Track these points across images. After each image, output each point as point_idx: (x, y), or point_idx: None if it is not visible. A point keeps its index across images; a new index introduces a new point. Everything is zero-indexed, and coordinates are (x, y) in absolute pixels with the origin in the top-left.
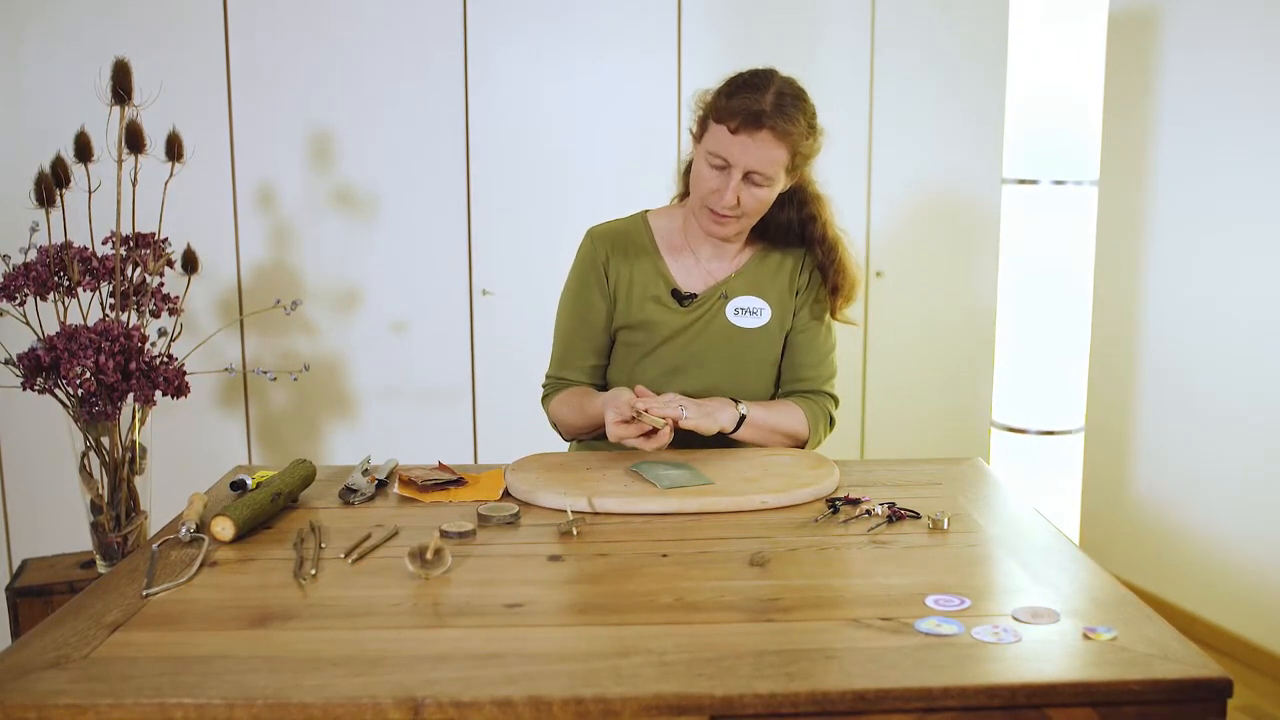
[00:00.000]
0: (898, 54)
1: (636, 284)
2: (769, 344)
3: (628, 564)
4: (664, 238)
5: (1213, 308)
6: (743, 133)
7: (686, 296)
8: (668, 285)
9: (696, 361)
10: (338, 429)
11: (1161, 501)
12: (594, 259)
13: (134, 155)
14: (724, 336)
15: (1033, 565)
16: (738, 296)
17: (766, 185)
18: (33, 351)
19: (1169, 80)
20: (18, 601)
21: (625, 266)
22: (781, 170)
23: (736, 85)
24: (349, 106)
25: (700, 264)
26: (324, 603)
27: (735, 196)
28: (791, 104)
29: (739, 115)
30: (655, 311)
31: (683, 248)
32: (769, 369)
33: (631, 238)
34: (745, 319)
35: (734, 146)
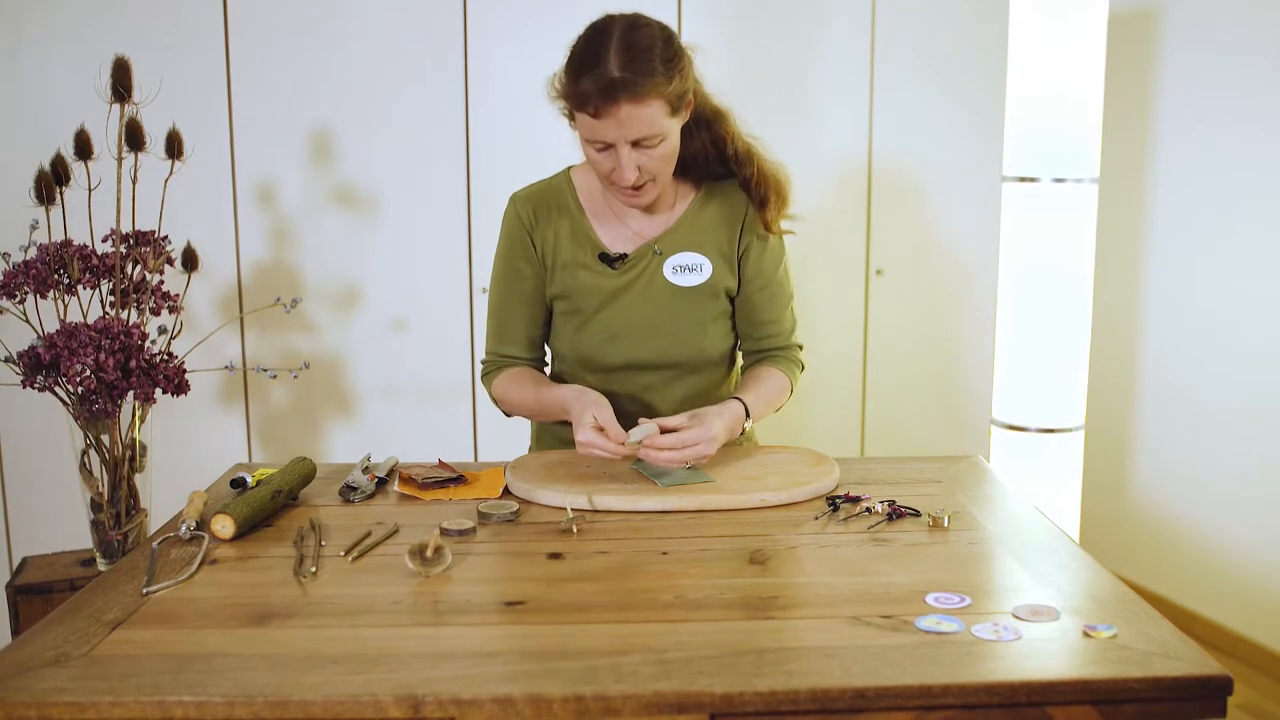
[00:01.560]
0: (897, 51)
1: (563, 249)
2: (714, 300)
3: (628, 562)
4: (588, 197)
5: (1213, 305)
6: (604, 114)
7: (616, 258)
8: (594, 249)
9: (639, 326)
10: (338, 427)
11: (1161, 499)
12: (518, 226)
13: (134, 153)
14: (665, 297)
15: (1033, 563)
16: (675, 253)
17: (660, 142)
18: (33, 349)
19: (1169, 78)
20: (18, 599)
21: (550, 230)
22: (666, 120)
23: (577, 65)
24: (349, 104)
25: (628, 225)
26: (324, 600)
27: (635, 168)
28: (638, 57)
29: (591, 98)
30: (585, 278)
31: (609, 207)
32: (717, 326)
33: (554, 199)
34: (685, 276)
35: (604, 128)
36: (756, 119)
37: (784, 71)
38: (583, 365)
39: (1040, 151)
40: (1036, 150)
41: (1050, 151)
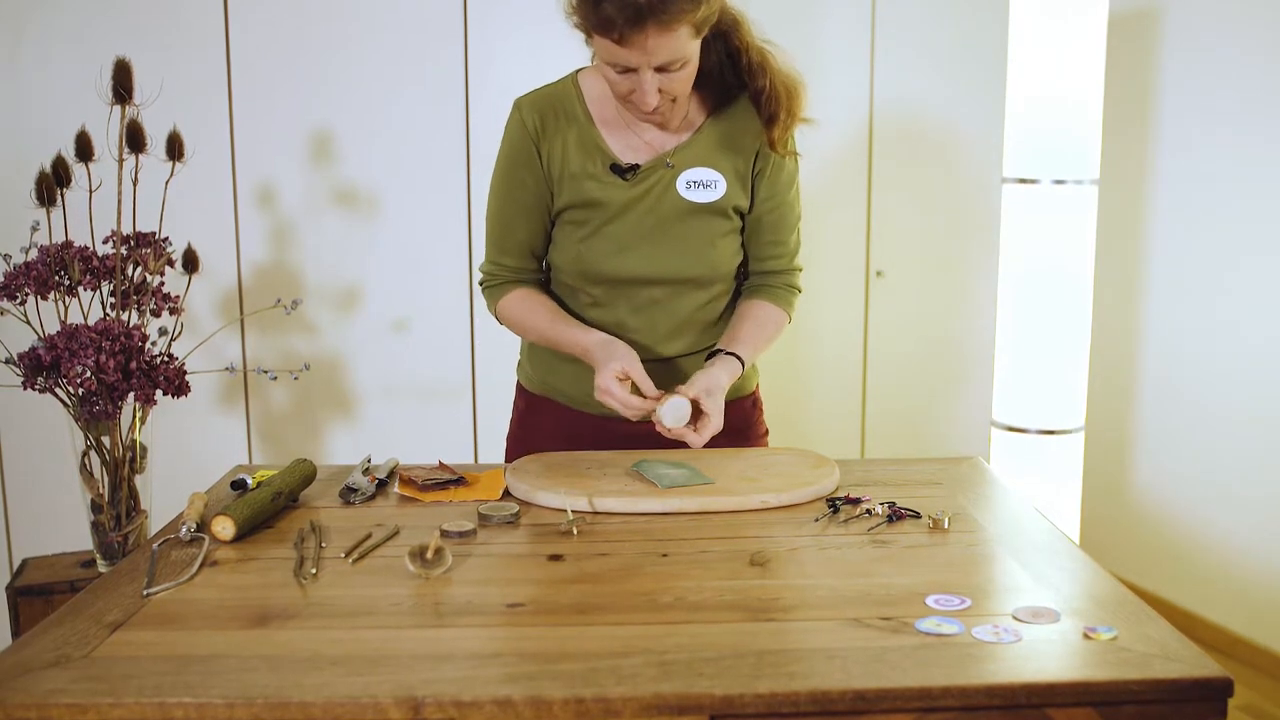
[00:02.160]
0: (898, 52)
1: (571, 160)
2: (725, 218)
3: (628, 563)
4: (598, 105)
5: (1213, 307)
6: (627, 41)
7: (628, 169)
8: (605, 160)
9: (648, 239)
10: (338, 428)
11: (1162, 500)
12: (522, 133)
13: (135, 154)
14: (676, 212)
15: (1033, 565)
16: (689, 168)
17: (684, 65)
18: (33, 351)
19: (1169, 79)
20: (18, 600)
21: (558, 139)
22: (691, 44)
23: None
24: (349, 105)
25: (640, 135)
26: (324, 602)
27: (655, 92)
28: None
29: (614, 23)
30: (595, 189)
31: (620, 116)
32: (727, 242)
33: (562, 105)
34: (698, 192)
35: (629, 55)
36: None
37: None
38: (585, 277)
39: (1040, 153)
40: (1036, 152)
41: (1050, 153)
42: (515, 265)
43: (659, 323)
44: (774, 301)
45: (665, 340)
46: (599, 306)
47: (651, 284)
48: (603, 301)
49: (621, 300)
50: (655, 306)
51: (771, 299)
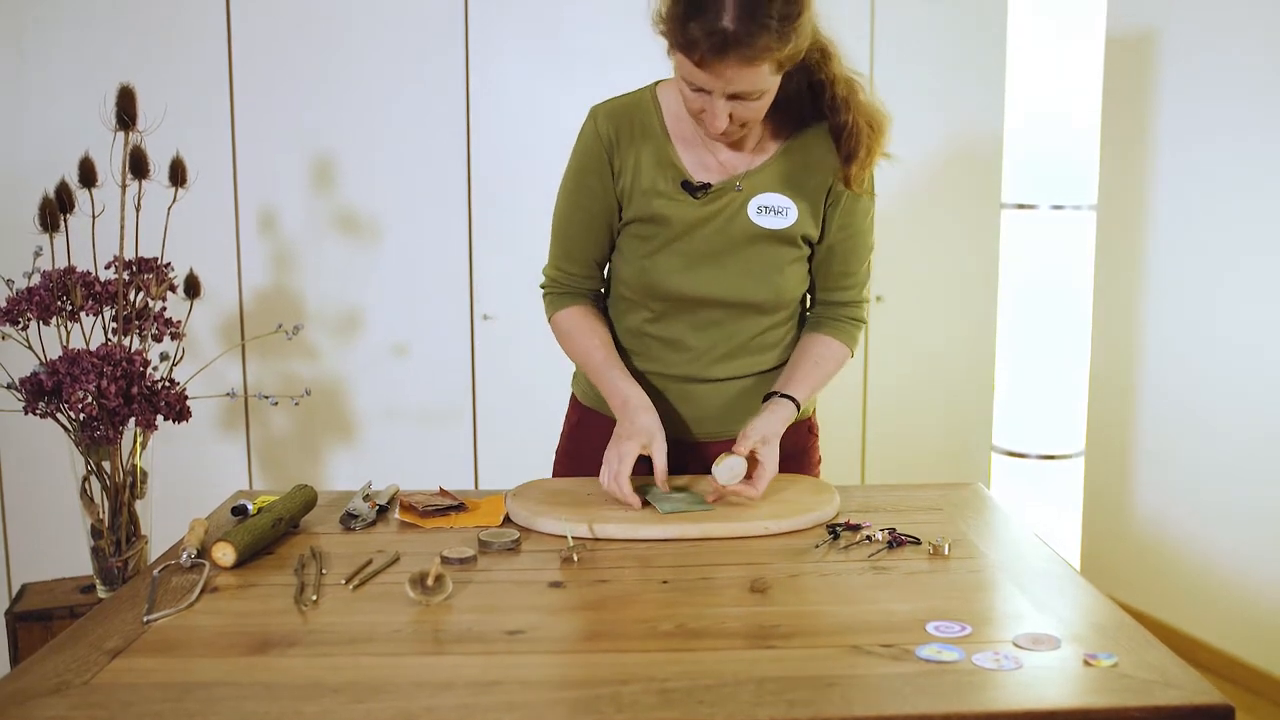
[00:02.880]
0: (895, 79)
1: (644, 174)
2: (794, 246)
3: (628, 590)
4: (674, 120)
5: (1212, 330)
6: (707, 66)
7: (699, 187)
8: (678, 175)
9: (714, 260)
10: (339, 452)
11: (1163, 525)
12: (596, 142)
13: (138, 180)
14: (745, 236)
15: (1033, 591)
16: (761, 193)
17: (760, 97)
18: (35, 376)
19: (1167, 104)
20: (17, 626)
21: (631, 151)
22: (769, 78)
23: (690, 3)
24: (351, 131)
25: (715, 155)
26: (325, 629)
27: (727, 118)
28: (757, 11)
29: (698, 46)
30: (665, 205)
31: (696, 132)
32: (795, 269)
33: (639, 117)
34: (769, 218)
35: (704, 77)
36: None
37: None
38: (648, 292)
39: (1038, 179)
40: (1035, 177)
41: (1048, 179)
42: (579, 273)
43: (717, 344)
44: (836, 335)
45: (720, 362)
46: (659, 321)
47: (714, 305)
48: (663, 317)
49: (682, 318)
50: (715, 327)
51: (834, 333)
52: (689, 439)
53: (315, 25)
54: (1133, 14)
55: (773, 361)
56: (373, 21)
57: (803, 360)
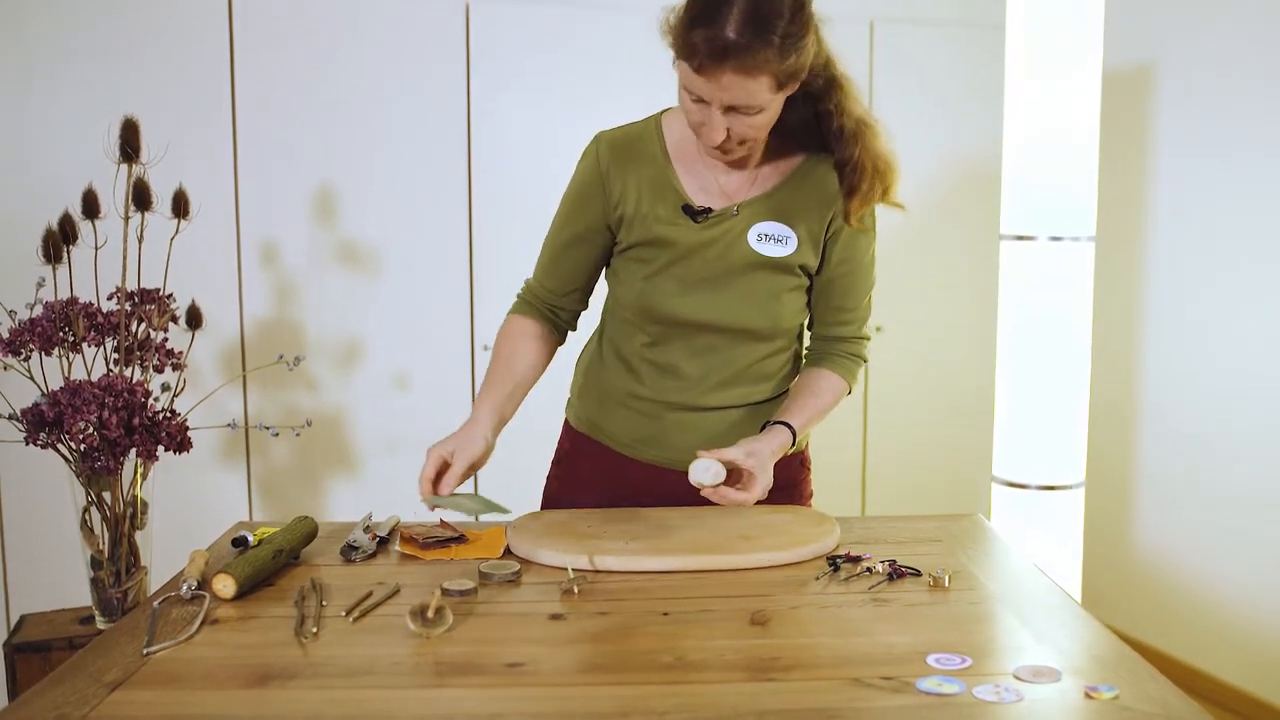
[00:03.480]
0: (894, 111)
1: (645, 197)
2: (792, 275)
3: (628, 623)
4: (677, 145)
5: (1211, 361)
6: (705, 73)
7: (700, 211)
8: (678, 200)
9: (713, 285)
10: (339, 484)
11: (1164, 555)
12: (593, 169)
13: (141, 212)
14: (744, 262)
15: (1034, 623)
16: (762, 221)
17: (758, 113)
18: (36, 407)
19: (1164, 136)
20: (16, 657)
21: (632, 178)
22: (768, 94)
23: (698, 10)
24: (352, 163)
25: (716, 180)
26: (325, 661)
27: (724, 130)
28: (760, 24)
29: (698, 52)
30: (665, 228)
31: (696, 157)
32: (793, 298)
33: (640, 145)
34: (768, 245)
35: (703, 85)
36: None
37: None
38: (645, 315)
39: (1037, 210)
40: (1033, 209)
41: (1047, 210)
42: (553, 289)
43: (713, 370)
44: (835, 370)
45: (716, 389)
46: (656, 346)
47: (710, 330)
48: (660, 341)
49: (679, 342)
50: (711, 354)
51: (833, 367)
52: (683, 467)
53: (318, 60)
54: (1129, 47)
55: (768, 392)
56: (374, 56)
57: (801, 392)
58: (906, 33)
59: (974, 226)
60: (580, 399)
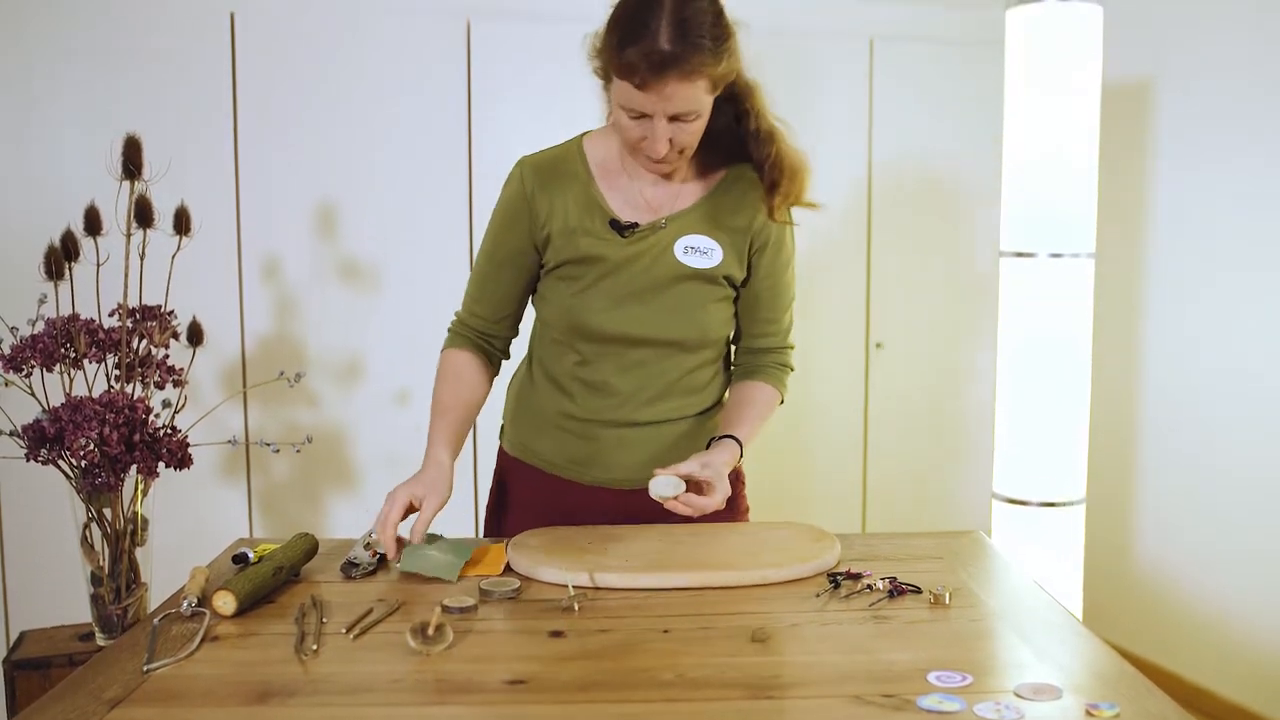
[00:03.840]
0: (895, 126)
1: (571, 215)
2: (718, 285)
3: (629, 640)
4: (600, 165)
5: (1212, 377)
6: (648, 86)
7: (627, 226)
8: (605, 215)
9: (640, 299)
10: (340, 500)
11: (1165, 572)
12: (519, 192)
13: (143, 229)
14: (670, 275)
15: (1035, 640)
16: (688, 234)
17: (696, 118)
18: (37, 423)
19: (1163, 151)
20: (15, 674)
21: (558, 197)
22: (706, 97)
23: (624, 32)
24: (354, 180)
25: (641, 194)
26: (325, 678)
27: (667, 141)
28: (690, 32)
29: (639, 69)
30: (593, 244)
31: (620, 174)
32: (721, 309)
33: (564, 166)
34: (695, 258)
35: (646, 99)
36: None
37: None
38: (575, 333)
39: (1037, 227)
40: (1033, 226)
41: (1047, 227)
42: (485, 316)
43: (644, 385)
44: (769, 382)
45: (648, 403)
46: (586, 364)
47: (640, 344)
48: (590, 359)
49: (609, 359)
50: (642, 368)
51: (766, 379)
52: (626, 485)
53: (320, 76)
54: (1128, 63)
55: (700, 405)
56: (376, 73)
57: (740, 405)
58: (906, 49)
59: (974, 243)
60: (513, 425)
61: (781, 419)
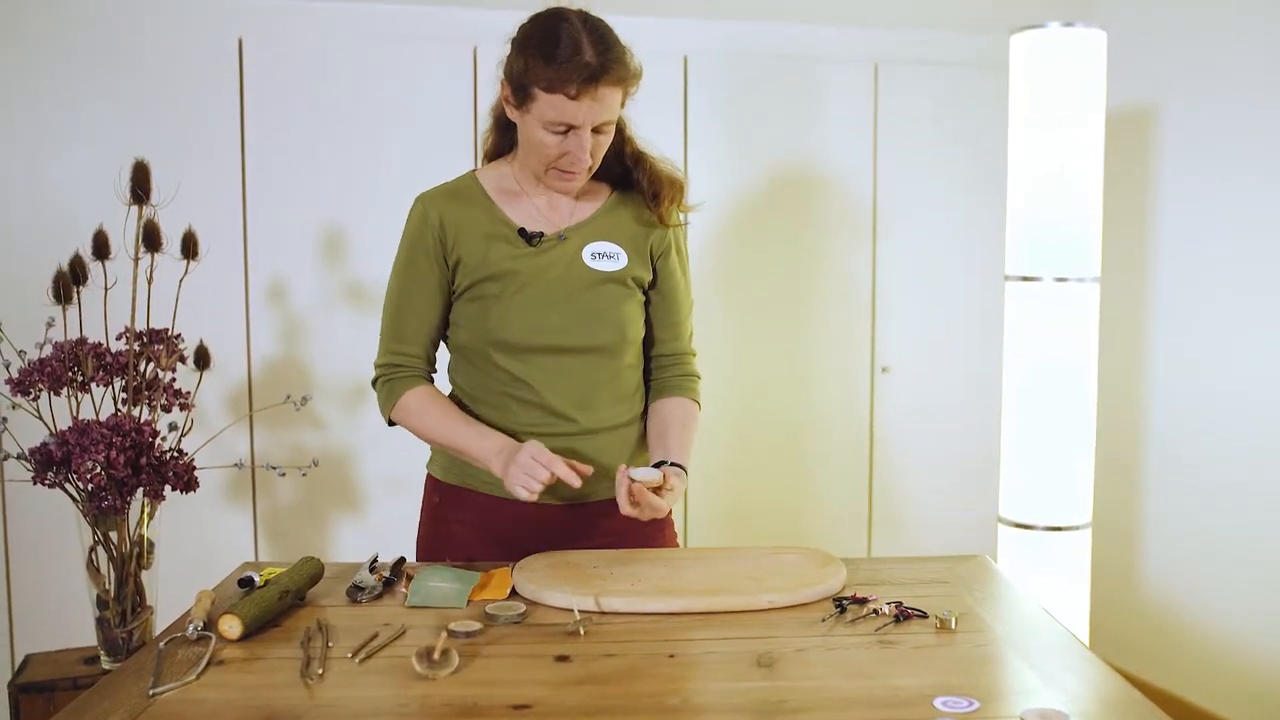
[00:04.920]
0: (899, 151)
1: (478, 236)
2: (629, 288)
3: (635, 664)
4: (496, 191)
5: (1217, 400)
6: (583, 96)
7: (534, 235)
8: (511, 229)
9: (557, 307)
10: (346, 524)
11: (1171, 595)
12: (424, 223)
13: (150, 253)
14: (583, 281)
15: (1041, 665)
16: (592, 242)
17: (611, 129)
18: (44, 446)
19: (1168, 175)
20: (20, 698)
21: (465, 222)
22: (620, 108)
23: (549, 49)
24: (360, 203)
25: (538, 209)
26: (331, 703)
27: (588, 152)
28: (610, 46)
29: (573, 80)
30: (504, 259)
31: (519, 194)
32: (634, 310)
33: (464, 194)
34: (603, 262)
35: (578, 111)
36: (762, 217)
37: (787, 175)
38: (497, 347)
39: (1042, 251)
40: (1038, 250)
41: (1052, 251)
42: (414, 353)
43: (571, 393)
44: (686, 395)
45: (578, 413)
46: (514, 380)
47: (563, 352)
48: (516, 374)
49: (534, 371)
50: (566, 376)
51: (683, 393)
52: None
53: (327, 101)
54: (1133, 88)
55: (628, 413)
56: (383, 97)
57: (671, 426)
58: (911, 74)
59: (979, 267)
60: (444, 452)
61: (787, 442)
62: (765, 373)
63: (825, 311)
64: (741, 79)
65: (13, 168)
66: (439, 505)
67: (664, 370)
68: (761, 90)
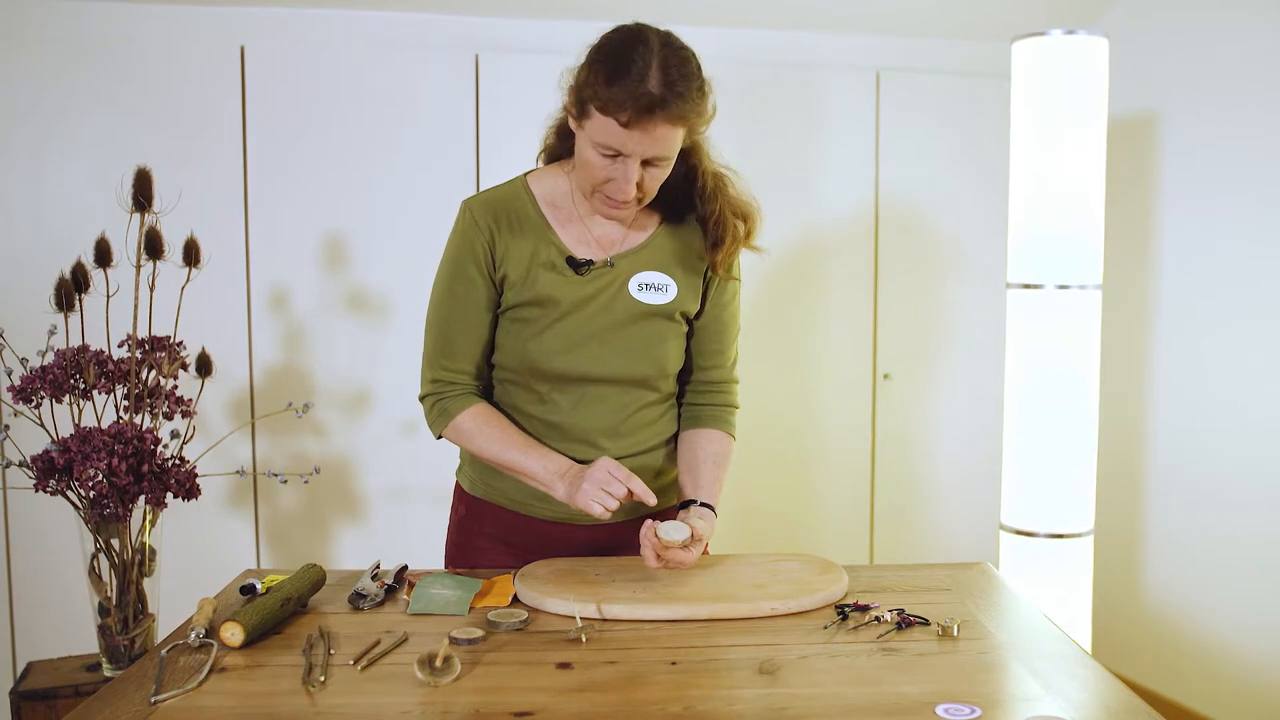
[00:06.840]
0: (901, 158)
1: (525, 256)
2: (675, 322)
3: (637, 672)
4: (548, 204)
5: (1219, 408)
6: (635, 126)
7: (583, 263)
8: (560, 253)
9: (600, 338)
10: (347, 531)
11: (1174, 603)
12: (475, 232)
13: (152, 261)
14: (628, 313)
15: (1043, 673)
16: (640, 272)
17: (667, 164)
18: (46, 454)
19: (1170, 183)
20: (21, 705)
21: (514, 238)
22: (678, 144)
23: (615, 68)
24: (362, 211)
25: (591, 232)
26: (333, 710)
27: (635, 184)
28: (680, 79)
29: (627, 107)
30: (551, 284)
31: (571, 214)
32: (676, 344)
33: (514, 205)
34: (650, 294)
35: (628, 140)
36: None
37: (789, 182)
38: (533, 373)
39: (1043, 259)
40: (1040, 257)
41: (1053, 258)
42: (466, 370)
43: (599, 421)
44: (719, 428)
45: (606, 440)
46: (542, 404)
47: (599, 382)
48: (545, 398)
49: (567, 397)
50: (601, 404)
51: (717, 425)
52: (588, 520)
53: (329, 109)
54: (1135, 95)
55: (653, 440)
56: (385, 105)
57: (703, 463)
58: (912, 82)
59: (981, 275)
60: (472, 464)
61: (790, 450)
62: (767, 380)
63: (827, 319)
64: (743, 86)
65: (15, 175)
66: (465, 517)
67: (701, 396)
68: (763, 98)
